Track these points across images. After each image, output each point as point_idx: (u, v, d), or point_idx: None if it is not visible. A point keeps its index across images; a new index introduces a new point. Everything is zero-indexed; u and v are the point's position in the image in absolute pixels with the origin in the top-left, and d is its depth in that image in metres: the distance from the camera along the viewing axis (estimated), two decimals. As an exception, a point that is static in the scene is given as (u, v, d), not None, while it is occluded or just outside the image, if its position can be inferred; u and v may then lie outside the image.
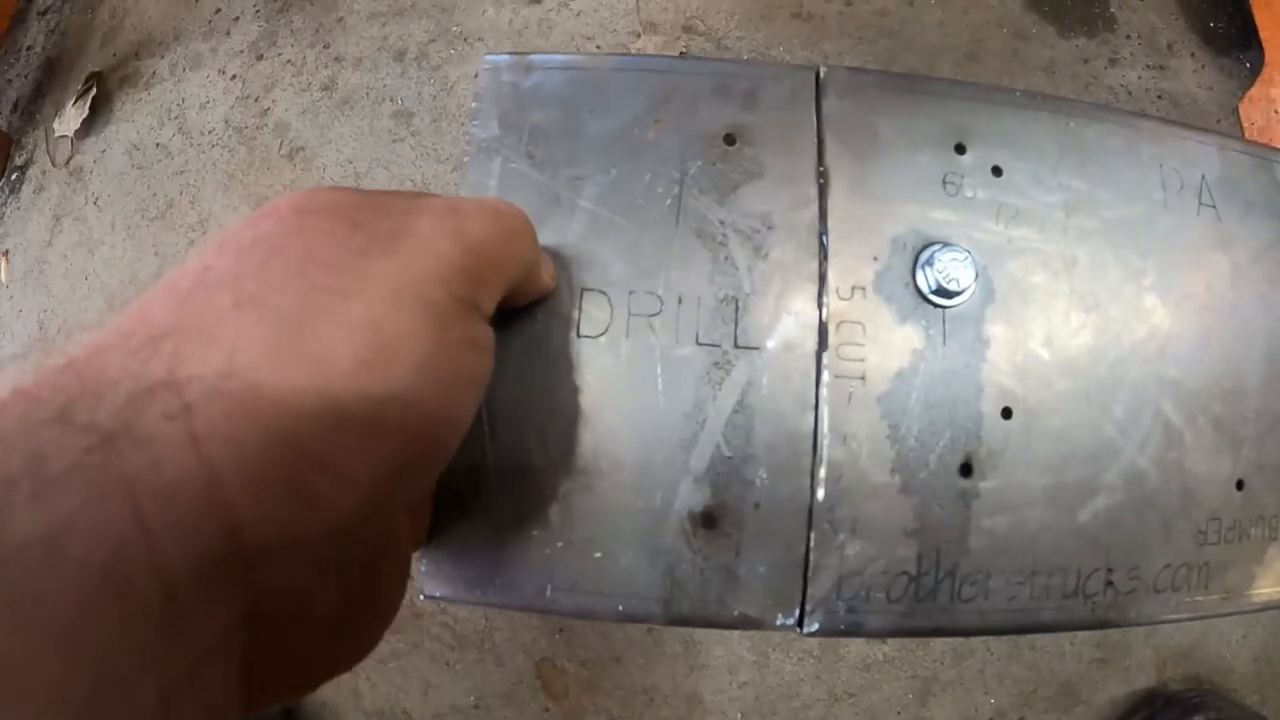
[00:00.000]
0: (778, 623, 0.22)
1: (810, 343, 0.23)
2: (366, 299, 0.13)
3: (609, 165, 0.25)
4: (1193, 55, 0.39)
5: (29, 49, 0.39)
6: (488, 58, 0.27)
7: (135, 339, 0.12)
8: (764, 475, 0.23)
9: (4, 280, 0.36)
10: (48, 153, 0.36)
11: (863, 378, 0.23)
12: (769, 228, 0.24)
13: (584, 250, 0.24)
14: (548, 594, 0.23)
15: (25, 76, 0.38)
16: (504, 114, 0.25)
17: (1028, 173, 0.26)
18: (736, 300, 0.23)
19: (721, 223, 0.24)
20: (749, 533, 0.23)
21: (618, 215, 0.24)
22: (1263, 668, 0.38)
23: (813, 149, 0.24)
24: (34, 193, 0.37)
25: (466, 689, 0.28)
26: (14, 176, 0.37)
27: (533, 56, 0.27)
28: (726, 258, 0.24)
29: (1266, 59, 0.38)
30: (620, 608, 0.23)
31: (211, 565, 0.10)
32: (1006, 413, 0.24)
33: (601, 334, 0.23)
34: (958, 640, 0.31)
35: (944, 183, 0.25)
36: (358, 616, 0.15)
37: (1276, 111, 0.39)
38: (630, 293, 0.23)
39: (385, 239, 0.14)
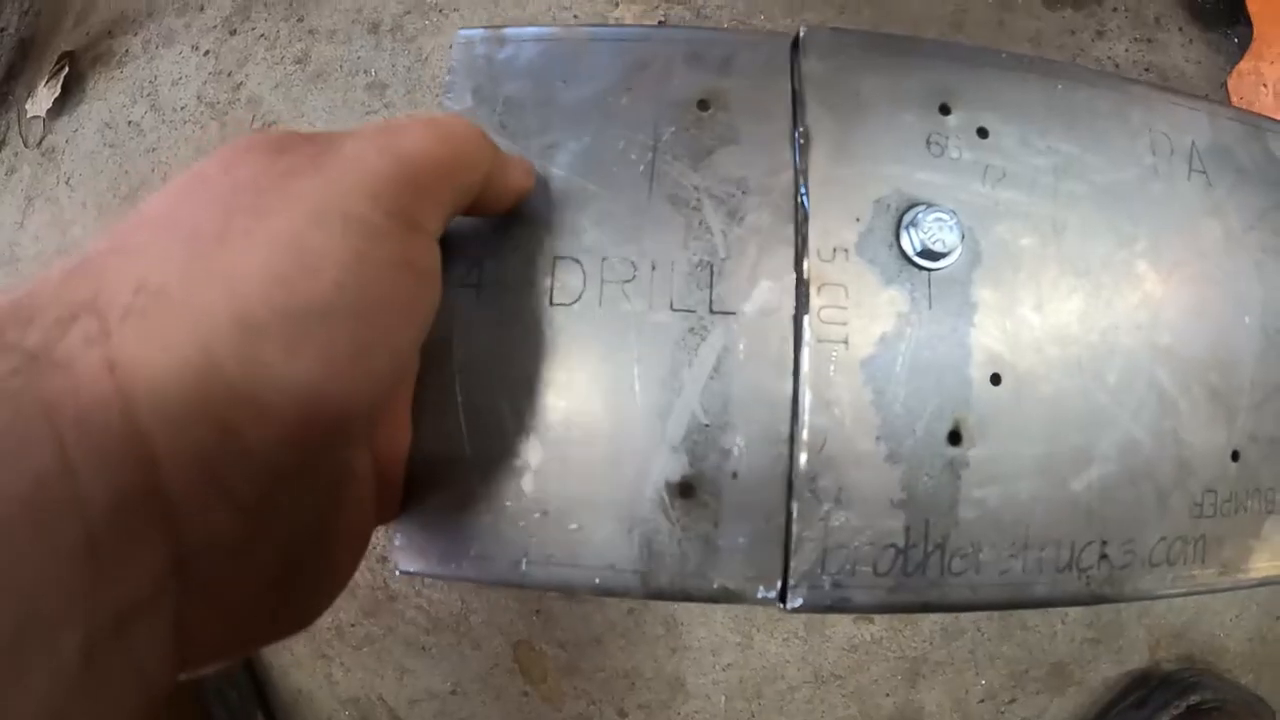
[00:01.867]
0: (759, 595, 0.21)
1: (788, 307, 0.22)
2: (287, 216, 0.12)
3: (581, 133, 0.23)
4: (1180, 30, 0.37)
5: (3, 30, 0.37)
6: (461, 32, 0.25)
7: (69, 268, 0.11)
8: (742, 443, 0.21)
9: None
10: (20, 135, 0.34)
11: (845, 342, 0.22)
12: (744, 192, 0.22)
13: (557, 218, 0.22)
14: (523, 567, 0.21)
15: None
16: (477, 87, 0.24)
17: (1015, 135, 0.24)
18: (711, 265, 0.22)
19: (695, 188, 0.22)
20: (727, 503, 0.21)
21: (590, 182, 0.23)
22: (1257, 648, 0.36)
23: (788, 114, 0.23)
24: (5, 175, 0.35)
25: (443, 674, 0.26)
26: None
27: (506, 30, 0.25)
28: (701, 223, 0.22)
29: (1255, 34, 0.37)
30: (597, 580, 0.21)
31: (132, 503, 0.09)
32: (995, 379, 0.23)
33: (575, 301, 0.22)
34: (947, 620, 0.29)
35: (928, 143, 0.23)
36: (299, 579, 0.14)
37: (1264, 85, 0.37)
38: (604, 259, 0.22)
39: (311, 159, 0.13)
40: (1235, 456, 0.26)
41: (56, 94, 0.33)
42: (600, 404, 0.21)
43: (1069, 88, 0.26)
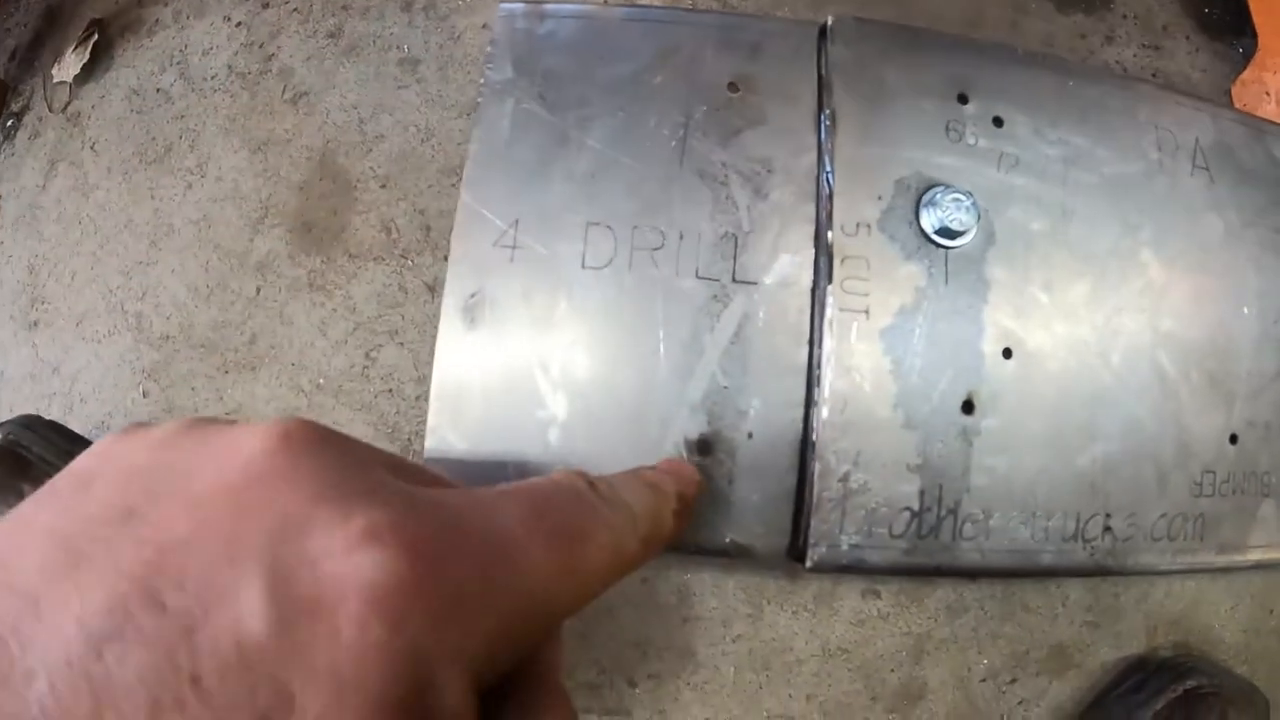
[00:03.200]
0: (770, 551, 0.21)
1: (806, 280, 0.22)
2: None
3: (617, 108, 0.24)
4: (1187, 38, 0.39)
5: None
6: (503, 5, 0.26)
7: None
8: (758, 405, 0.22)
9: None
10: (45, 99, 0.35)
11: (866, 312, 0.22)
12: (769, 171, 0.23)
13: (591, 186, 0.23)
14: None
15: (25, 25, 0.37)
16: (518, 59, 0.25)
17: (1028, 125, 0.25)
18: (736, 237, 0.23)
19: (723, 164, 0.23)
20: (742, 462, 0.22)
21: (624, 155, 0.23)
22: (1251, 639, 0.37)
23: (813, 98, 0.24)
24: (29, 139, 0.36)
25: None
26: (9, 123, 0.36)
27: (547, 5, 0.26)
28: (727, 197, 0.23)
29: (1260, 44, 0.38)
30: None
31: None
32: (1007, 353, 0.23)
33: (605, 265, 0.22)
34: (952, 598, 0.29)
35: (947, 130, 0.24)
36: None
37: (1267, 94, 0.38)
38: (634, 227, 0.23)
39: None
40: (1234, 440, 0.27)
41: (85, 60, 0.34)
42: (625, 364, 0.22)
43: (1080, 84, 0.27)
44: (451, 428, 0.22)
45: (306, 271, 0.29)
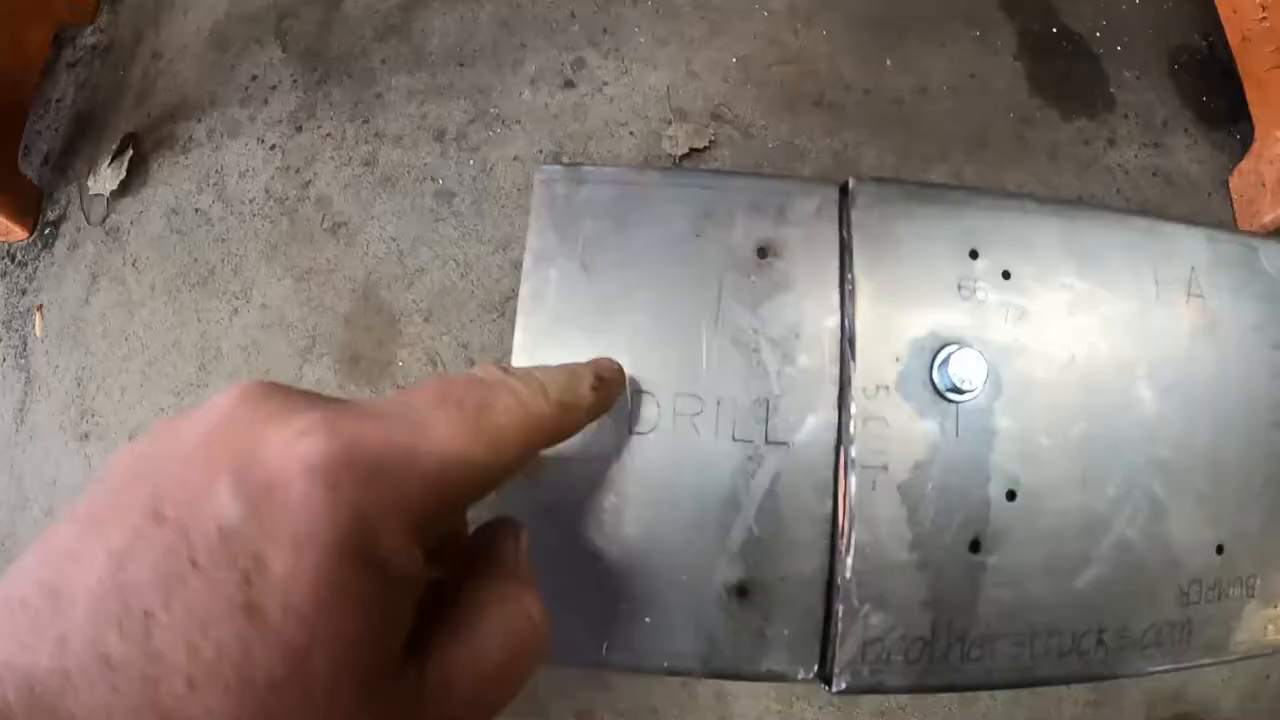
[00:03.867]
0: (799, 676, 0.26)
1: (830, 438, 0.26)
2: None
3: (657, 276, 0.27)
4: (1186, 131, 0.42)
5: (58, 101, 0.41)
6: (542, 168, 0.30)
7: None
8: (789, 553, 0.26)
9: (39, 334, 0.38)
10: (82, 210, 0.38)
11: (885, 467, 0.26)
12: (796, 336, 0.27)
13: (634, 354, 0.27)
14: (604, 652, 0.26)
15: (55, 129, 0.40)
16: (559, 224, 0.28)
17: (1035, 275, 0.29)
18: (768, 401, 0.26)
19: (755, 331, 0.27)
20: (776, 602, 0.26)
21: (664, 322, 0.27)
22: (1248, 704, 0.41)
23: (836, 262, 0.27)
24: (68, 249, 0.39)
25: None
26: (46, 231, 0.40)
27: (584, 168, 0.29)
28: (759, 363, 0.27)
29: (1256, 135, 0.41)
30: (665, 664, 0.26)
31: None
32: (1011, 495, 0.27)
33: (651, 431, 0.26)
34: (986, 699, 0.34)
35: (959, 287, 0.28)
36: None
37: (1263, 185, 0.41)
38: (676, 395, 0.26)
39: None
40: (1220, 550, 0.31)
41: (122, 176, 0.37)
42: (671, 519, 0.26)
43: (1083, 225, 0.30)
44: None
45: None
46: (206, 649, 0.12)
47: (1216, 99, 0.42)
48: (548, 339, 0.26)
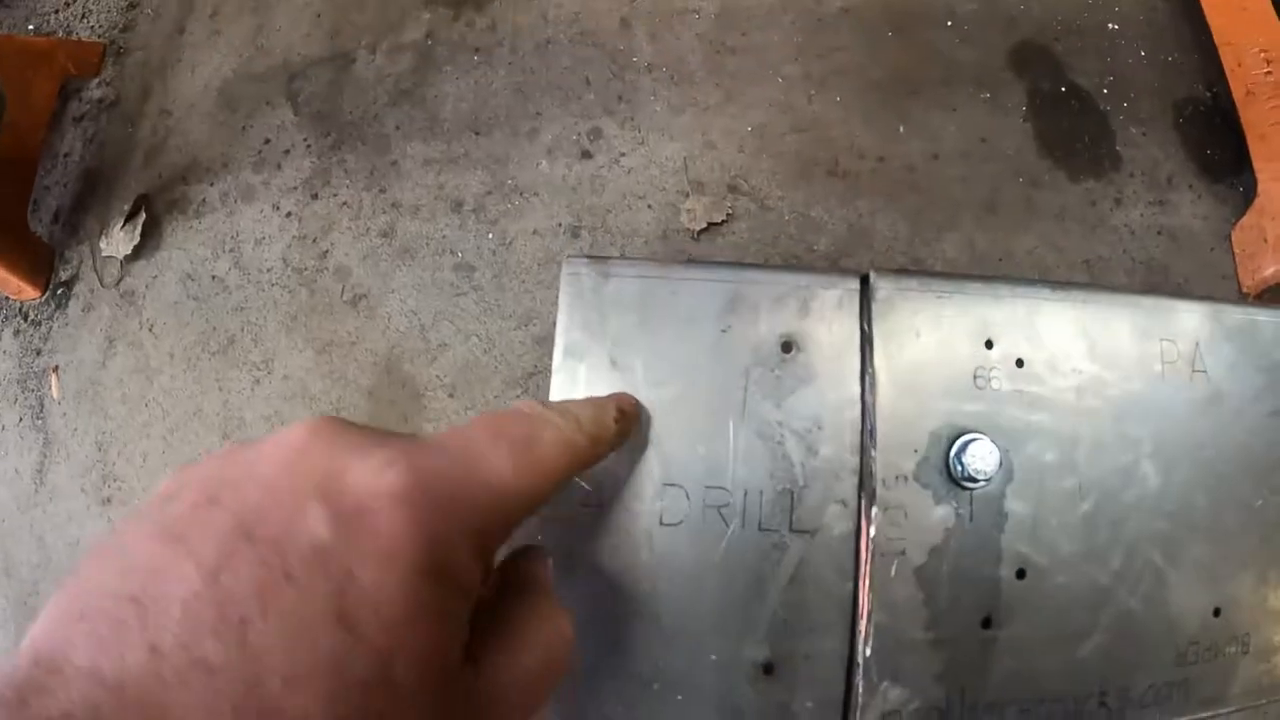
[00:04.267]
0: None
1: (851, 526, 0.29)
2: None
3: (684, 371, 0.29)
4: (1190, 186, 0.43)
5: (66, 156, 0.42)
6: (570, 259, 0.31)
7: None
8: (813, 634, 0.28)
9: (56, 396, 0.40)
10: (95, 271, 0.39)
11: (903, 553, 0.29)
12: (819, 428, 0.29)
13: (665, 448, 0.29)
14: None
15: (64, 185, 0.41)
16: (587, 319, 0.30)
17: (1046, 362, 0.31)
18: (792, 492, 0.29)
19: (779, 424, 0.29)
20: (800, 679, 0.29)
21: (694, 417, 0.29)
22: None
23: (856, 354, 0.29)
24: (82, 311, 0.40)
25: None
26: (59, 291, 0.41)
27: (611, 263, 0.31)
28: (783, 455, 0.29)
29: (1259, 190, 0.43)
30: None
31: None
32: (1020, 574, 0.30)
33: (680, 523, 0.29)
34: None
35: (975, 377, 0.30)
36: None
37: (1265, 240, 0.43)
38: (706, 487, 0.28)
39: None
40: (1217, 613, 0.33)
41: (135, 241, 0.38)
42: (701, 603, 0.28)
43: (1093, 309, 0.32)
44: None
45: None
46: (303, 652, 0.13)
47: (1220, 151, 0.43)
48: (580, 433, 0.28)
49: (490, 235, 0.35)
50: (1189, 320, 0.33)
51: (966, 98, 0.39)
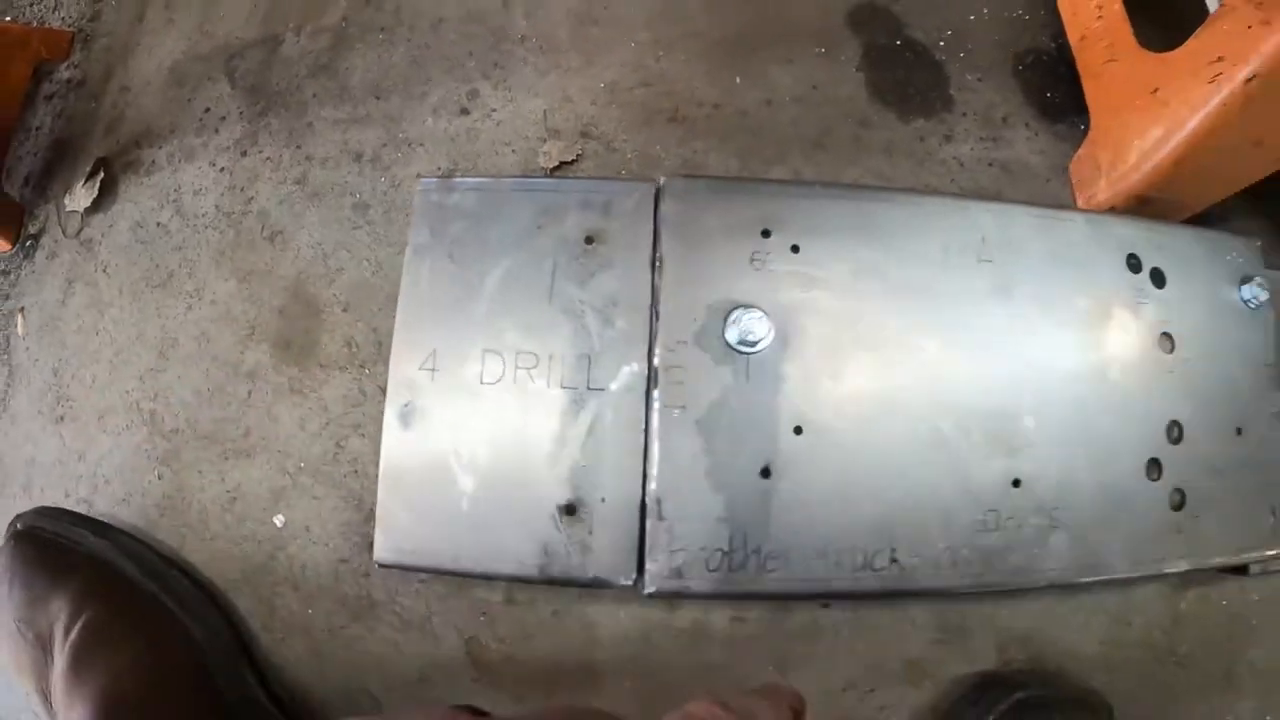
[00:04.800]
0: (620, 582, 0.35)
1: (641, 385, 0.36)
2: None
3: (505, 261, 0.38)
4: (1027, 125, 0.50)
5: (38, 129, 0.53)
6: (422, 180, 0.41)
7: None
8: (609, 478, 0.35)
9: (21, 333, 0.50)
10: (59, 224, 0.50)
11: (684, 407, 0.36)
12: (615, 304, 0.37)
13: (486, 323, 0.37)
14: (461, 561, 0.35)
15: (35, 154, 0.52)
16: (433, 225, 0.39)
17: (821, 248, 0.38)
18: (589, 356, 0.36)
19: (581, 301, 0.37)
20: (598, 520, 0.35)
21: (511, 297, 0.37)
22: (1111, 650, 0.47)
23: (649, 244, 0.37)
24: (46, 259, 0.51)
25: (412, 666, 0.40)
26: (28, 244, 0.52)
27: (454, 179, 0.40)
28: (584, 327, 0.36)
29: (1092, 123, 0.49)
30: (509, 570, 0.35)
31: None
32: (798, 430, 0.36)
33: (497, 381, 0.36)
34: (808, 620, 0.41)
35: (751, 260, 0.37)
36: None
37: (1098, 168, 0.49)
38: (517, 353, 0.37)
39: None
40: (1016, 484, 0.38)
41: (94, 195, 0.49)
42: (512, 452, 0.36)
43: (873, 206, 0.39)
44: (394, 501, 0.36)
45: (287, 379, 0.43)
46: None
47: (1061, 95, 0.50)
48: (421, 313, 0.37)
49: (383, 179, 0.45)
50: (974, 216, 0.40)
51: (803, 52, 0.48)
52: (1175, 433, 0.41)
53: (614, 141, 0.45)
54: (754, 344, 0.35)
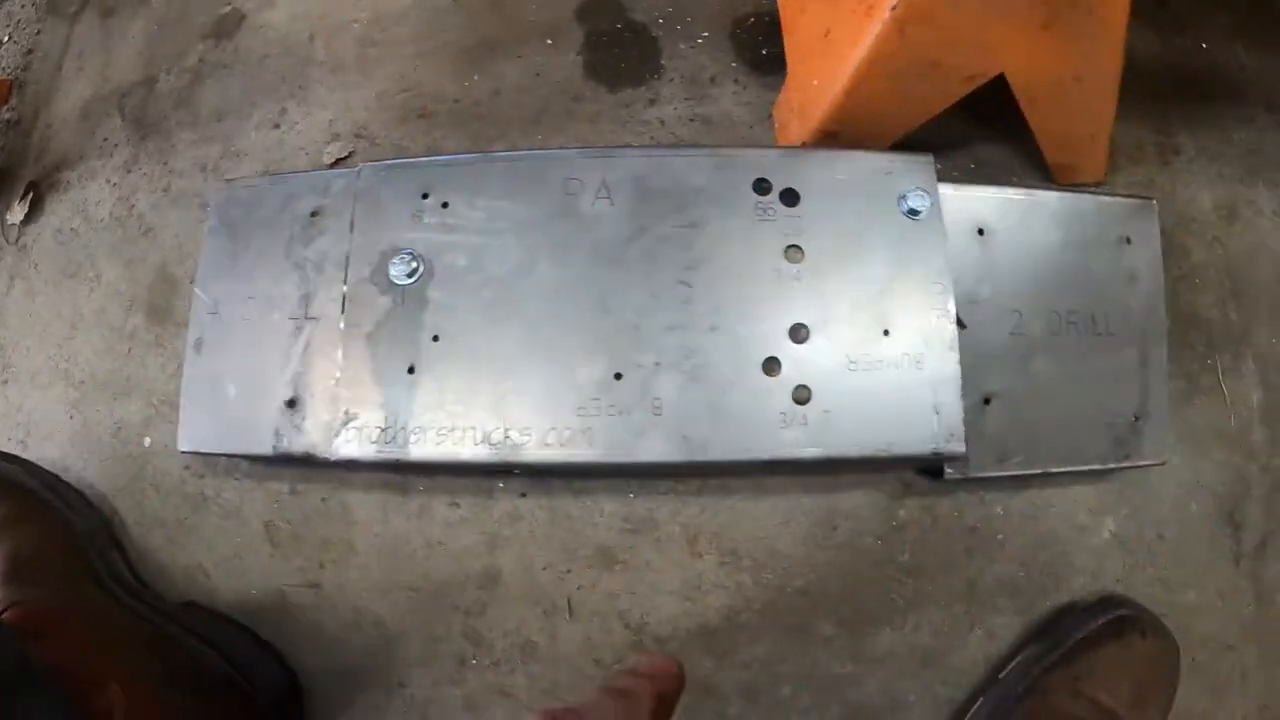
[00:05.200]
0: (322, 455, 0.57)
1: (336, 313, 0.58)
2: None
3: (262, 233, 0.63)
4: (735, 81, 0.61)
5: None
6: (225, 180, 0.69)
7: None
8: (316, 380, 0.57)
9: None
10: (3, 235, 0.84)
11: (360, 325, 0.57)
12: (326, 258, 0.60)
13: (248, 278, 0.63)
14: (228, 445, 0.60)
15: None
16: (220, 214, 0.64)
17: (464, 202, 0.58)
18: (307, 295, 0.60)
19: (305, 258, 0.60)
20: (309, 409, 0.57)
21: (263, 259, 0.63)
22: (814, 551, 0.57)
23: (349, 215, 0.61)
24: None
25: (231, 546, 0.64)
26: None
27: (235, 181, 0.67)
28: (305, 275, 0.60)
29: (789, 70, 0.62)
30: (256, 450, 0.58)
31: None
32: (435, 338, 0.56)
33: (253, 318, 0.62)
34: (510, 508, 0.58)
35: (413, 216, 0.59)
36: None
37: (793, 110, 0.62)
38: (267, 297, 0.61)
39: None
40: (619, 377, 0.54)
41: (27, 211, 0.83)
42: (259, 366, 0.60)
43: (514, 166, 0.58)
44: (191, 407, 0.60)
45: (154, 336, 0.64)
46: None
47: (776, 50, 0.63)
48: (213, 277, 0.64)
49: (219, 184, 0.73)
50: (600, 162, 0.57)
51: (532, 47, 0.66)
52: (802, 334, 0.55)
53: (377, 138, 0.69)
54: (407, 277, 0.57)
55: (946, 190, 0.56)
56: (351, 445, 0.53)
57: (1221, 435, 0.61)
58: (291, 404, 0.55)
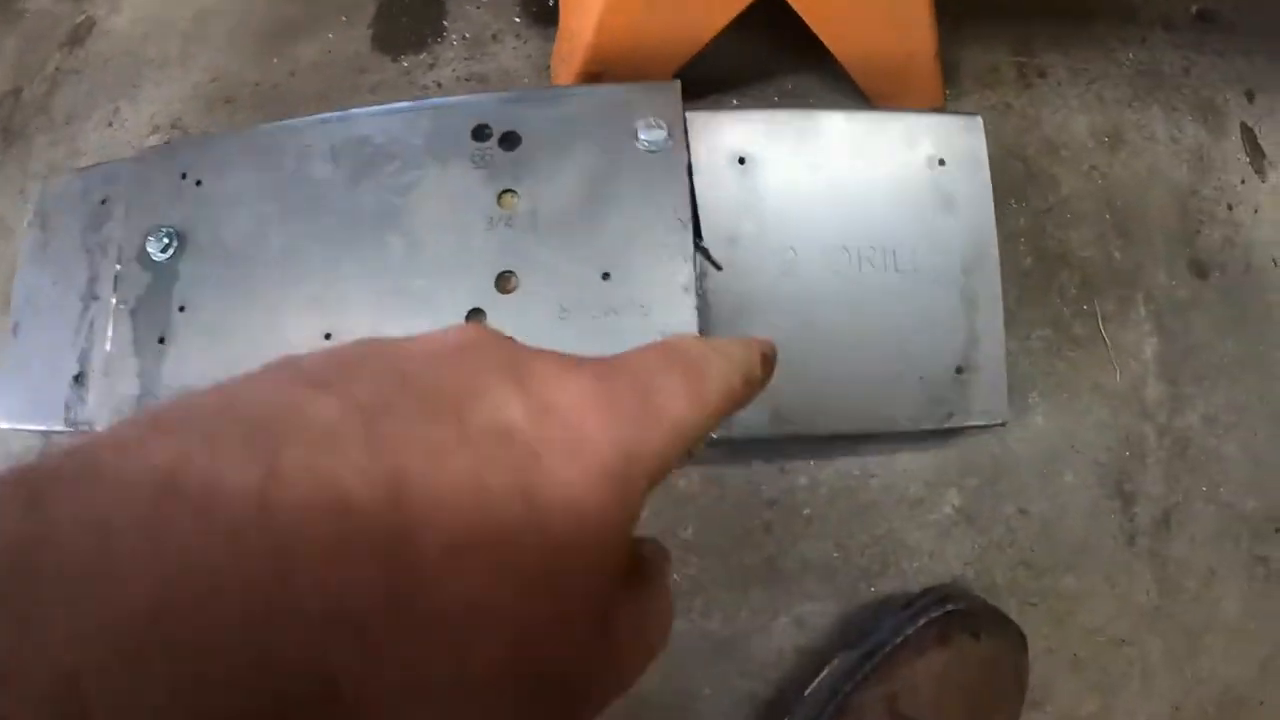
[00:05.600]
0: (102, 422, 0.72)
1: (110, 292, 0.73)
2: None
3: (64, 221, 0.80)
4: (518, 35, 0.64)
5: None
6: (47, 179, 0.87)
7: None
8: (93, 356, 0.74)
9: None
10: None
11: (126, 302, 0.71)
12: (110, 243, 0.74)
13: (57, 263, 0.78)
14: (34, 421, 0.77)
15: None
16: (38, 209, 0.79)
17: (217, 177, 0.70)
18: (93, 278, 0.75)
19: (96, 244, 0.75)
20: (92, 382, 0.73)
21: (65, 247, 0.78)
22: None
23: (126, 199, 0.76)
24: None
25: None
26: None
27: (53, 178, 0.86)
28: (94, 261, 0.76)
29: (560, 20, 0.69)
30: (54, 425, 0.73)
31: None
32: (182, 309, 0.66)
33: (55, 301, 0.79)
34: None
35: (173, 196, 0.73)
36: None
37: (562, 59, 0.66)
38: (68, 282, 0.78)
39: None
40: (328, 337, 0.64)
41: None
42: (59, 348, 0.78)
43: (258, 139, 0.69)
44: (5, 386, 0.79)
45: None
46: (473, 516, 0.17)
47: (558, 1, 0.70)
48: (31, 267, 0.82)
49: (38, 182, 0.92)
50: (323, 129, 0.68)
51: (328, 26, 0.77)
52: (511, 283, 0.63)
53: (190, 128, 0.85)
54: (162, 252, 0.72)
55: (699, 117, 0.58)
56: (117, 414, 0.68)
57: (1103, 392, 0.61)
58: (78, 379, 0.71)
